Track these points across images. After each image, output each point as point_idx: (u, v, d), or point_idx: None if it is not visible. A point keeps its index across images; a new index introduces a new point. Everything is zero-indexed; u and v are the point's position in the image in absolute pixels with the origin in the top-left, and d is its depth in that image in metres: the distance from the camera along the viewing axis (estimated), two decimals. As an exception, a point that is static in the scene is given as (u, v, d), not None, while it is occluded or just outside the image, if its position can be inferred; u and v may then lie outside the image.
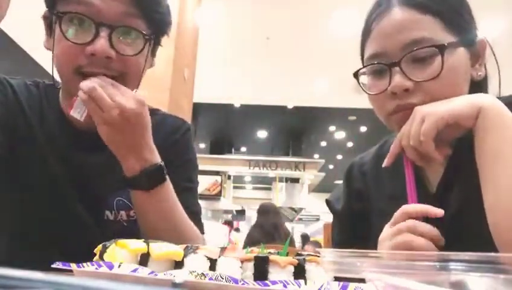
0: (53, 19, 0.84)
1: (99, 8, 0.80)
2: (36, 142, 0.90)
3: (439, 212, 0.70)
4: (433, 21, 0.76)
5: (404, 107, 0.77)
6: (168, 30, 0.94)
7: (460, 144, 0.82)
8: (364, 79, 0.88)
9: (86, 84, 0.77)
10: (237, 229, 8.43)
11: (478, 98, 0.70)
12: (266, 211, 4.55)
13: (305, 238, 8.20)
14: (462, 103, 0.70)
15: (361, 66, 0.88)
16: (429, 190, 0.87)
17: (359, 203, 0.99)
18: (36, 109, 0.93)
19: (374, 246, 0.92)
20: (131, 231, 0.94)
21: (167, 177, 0.86)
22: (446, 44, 0.74)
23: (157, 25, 0.89)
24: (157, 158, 0.85)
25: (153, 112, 1.04)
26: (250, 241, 4.30)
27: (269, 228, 4.29)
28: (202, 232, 1.00)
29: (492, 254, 0.27)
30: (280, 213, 4.90)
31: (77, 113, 0.81)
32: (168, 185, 0.87)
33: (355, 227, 0.99)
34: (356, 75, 0.87)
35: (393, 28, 0.77)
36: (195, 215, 0.99)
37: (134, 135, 0.80)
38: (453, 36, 0.77)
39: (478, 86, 0.80)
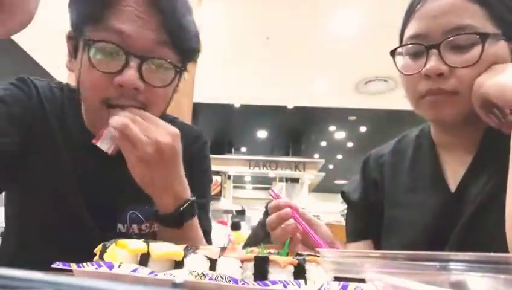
0: (79, 43, 0.81)
1: (130, 36, 0.77)
2: (53, 145, 0.88)
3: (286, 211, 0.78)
4: (479, 10, 0.75)
5: (434, 92, 0.77)
6: (197, 57, 0.92)
7: (486, 143, 0.82)
8: (399, 60, 0.86)
9: (116, 121, 0.73)
10: (236, 227, 8.38)
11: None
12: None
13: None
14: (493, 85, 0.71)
15: (399, 45, 0.87)
16: (449, 189, 0.85)
17: (375, 193, 0.99)
18: (57, 112, 0.90)
19: (386, 237, 0.94)
20: None
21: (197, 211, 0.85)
22: (489, 33, 0.73)
23: (186, 52, 0.87)
24: (188, 192, 0.83)
25: (172, 120, 1.04)
26: (253, 240, 4.29)
27: None
28: None
29: (493, 254, 0.27)
30: None
31: (105, 144, 0.78)
32: (196, 217, 0.86)
33: (370, 217, 0.99)
34: (393, 53, 0.85)
35: (439, 11, 0.77)
36: (206, 234, 0.97)
37: (169, 171, 0.78)
38: (497, 28, 0.76)
39: None
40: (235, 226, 8.36)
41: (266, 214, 4.70)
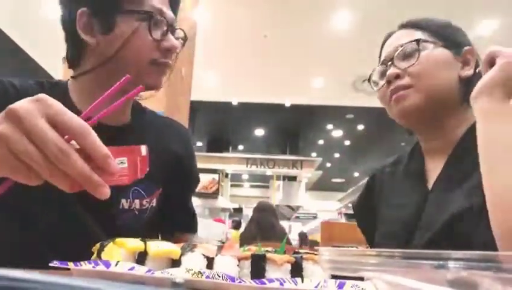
0: (116, 18, 0.91)
1: (163, 12, 0.93)
2: None
3: None
4: (419, 32, 0.98)
5: (395, 90, 0.95)
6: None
7: (460, 147, 0.92)
8: (374, 85, 1.07)
9: None
10: (237, 226, 8.38)
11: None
12: (263, 209, 4.58)
13: (302, 237, 8.22)
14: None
15: (372, 71, 1.08)
16: (427, 186, 0.95)
17: (370, 201, 1.13)
18: None
19: (376, 234, 1.05)
20: (140, 219, 0.99)
21: None
22: (421, 39, 0.95)
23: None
24: None
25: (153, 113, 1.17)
26: (246, 236, 4.32)
27: (266, 224, 4.32)
28: None
29: (491, 252, 0.27)
30: (276, 212, 4.91)
31: None
32: None
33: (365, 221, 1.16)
34: (369, 79, 1.07)
35: (391, 42, 1.03)
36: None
37: None
38: (436, 40, 0.96)
39: (468, 81, 0.94)
40: (236, 225, 8.37)
41: (258, 211, 4.73)
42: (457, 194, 0.85)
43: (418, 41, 0.95)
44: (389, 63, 0.99)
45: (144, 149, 0.59)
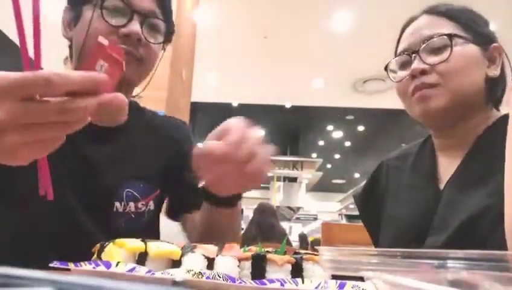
0: (82, 9, 0.91)
1: (133, 1, 0.91)
2: None
3: None
4: (447, 22, 0.91)
5: (420, 87, 0.89)
6: (173, 32, 1.05)
7: (477, 147, 0.87)
8: (392, 75, 1.00)
9: None
10: None
11: None
12: (263, 210, 4.58)
13: (303, 238, 8.21)
14: None
15: (389, 61, 1.01)
16: (439, 187, 0.91)
17: (375, 192, 1.10)
18: None
19: (382, 231, 1.03)
20: (137, 222, 0.96)
21: None
22: (454, 33, 0.88)
23: (169, 27, 1.01)
24: None
25: (155, 114, 1.17)
26: (247, 237, 4.33)
27: (266, 226, 4.33)
28: None
29: (491, 251, 0.27)
30: (276, 214, 4.91)
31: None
32: None
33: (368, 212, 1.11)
34: (386, 68, 1.00)
35: (415, 29, 0.94)
36: None
37: None
38: (466, 35, 0.89)
39: (494, 81, 0.91)
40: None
41: (258, 212, 4.72)
42: (474, 195, 0.80)
43: (450, 35, 0.88)
44: (414, 55, 0.91)
45: (101, 39, 0.58)
